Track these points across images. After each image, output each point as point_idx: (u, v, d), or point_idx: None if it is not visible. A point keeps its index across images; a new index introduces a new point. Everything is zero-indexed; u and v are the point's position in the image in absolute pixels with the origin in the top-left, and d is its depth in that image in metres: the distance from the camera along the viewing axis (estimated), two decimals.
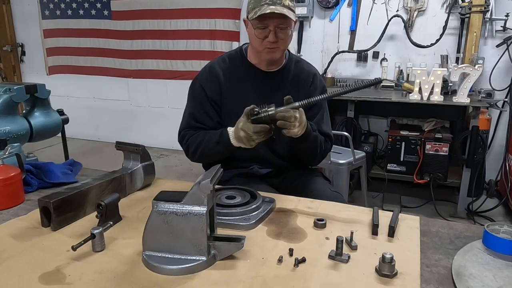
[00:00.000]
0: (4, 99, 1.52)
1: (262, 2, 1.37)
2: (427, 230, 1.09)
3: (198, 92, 1.56)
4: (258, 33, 1.41)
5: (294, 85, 1.57)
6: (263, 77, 1.56)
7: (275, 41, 1.41)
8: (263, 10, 1.34)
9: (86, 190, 1.17)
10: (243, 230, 1.08)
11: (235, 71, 1.57)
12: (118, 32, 4.64)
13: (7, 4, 5.20)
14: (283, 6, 1.36)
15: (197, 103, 1.56)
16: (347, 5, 3.66)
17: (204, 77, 1.57)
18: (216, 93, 1.54)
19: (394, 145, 3.21)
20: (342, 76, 3.78)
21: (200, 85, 1.56)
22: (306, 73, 1.61)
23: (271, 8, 1.34)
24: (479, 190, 3.22)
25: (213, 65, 1.59)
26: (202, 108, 1.54)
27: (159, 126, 4.78)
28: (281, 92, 1.53)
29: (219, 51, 4.10)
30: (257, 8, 1.37)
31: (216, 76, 1.55)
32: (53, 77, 5.06)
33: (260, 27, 1.40)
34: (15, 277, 0.87)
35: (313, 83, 1.60)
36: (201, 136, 1.49)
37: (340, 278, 0.87)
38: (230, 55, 1.62)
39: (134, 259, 0.94)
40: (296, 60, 1.64)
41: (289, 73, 1.58)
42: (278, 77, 1.57)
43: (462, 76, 2.88)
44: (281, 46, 1.45)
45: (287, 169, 1.64)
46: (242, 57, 1.59)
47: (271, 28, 1.39)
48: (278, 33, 1.41)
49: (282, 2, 1.36)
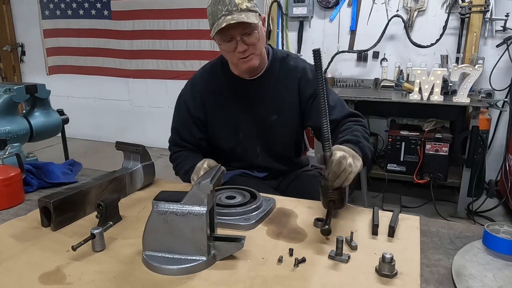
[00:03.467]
0: (4, 99, 1.52)
1: (218, 15, 1.29)
2: (427, 230, 1.09)
3: (183, 109, 1.55)
4: (226, 47, 1.35)
5: (280, 86, 1.50)
6: (247, 86, 1.50)
7: (245, 49, 1.33)
8: (219, 25, 1.27)
9: (86, 190, 1.17)
10: (243, 230, 1.08)
11: (217, 84, 1.52)
12: (118, 32, 4.64)
13: (7, 4, 5.20)
14: (240, 11, 1.27)
15: (181, 121, 1.56)
16: (347, 5, 3.66)
17: (187, 94, 1.56)
18: (199, 111, 1.53)
19: (394, 145, 3.20)
20: (342, 76, 3.78)
21: (184, 101, 1.55)
22: (293, 70, 1.50)
23: (226, 20, 1.25)
24: (479, 190, 3.22)
25: (195, 81, 1.56)
26: (185, 127, 1.55)
27: (159, 126, 4.77)
28: (268, 98, 1.50)
29: (219, 51, 4.09)
30: (215, 23, 1.29)
31: (198, 91, 1.53)
32: (53, 77, 5.06)
33: (225, 40, 1.33)
34: (15, 277, 0.87)
35: (302, 78, 1.49)
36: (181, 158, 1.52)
37: (340, 278, 0.87)
38: (211, 66, 1.57)
39: (134, 259, 0.94)
40: (282, 57, 1.53)
41: (272, 75, 1.50)
42: (262, 83, 1.50)
43: (462, 76, 2.87)
44: (255, 52, 1.36)
45: (285, 172, 1.64)
46: (223, 67, 1.52)
47: (237, 38, 1.31)
48: (246, 40, 1.32)
49: (239, 7, 1.27)
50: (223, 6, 1.28)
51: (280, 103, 1.51)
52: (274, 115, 1.51)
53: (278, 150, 1.58)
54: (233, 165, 1.59)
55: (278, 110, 1.51)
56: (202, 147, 1.57)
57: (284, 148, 1.59)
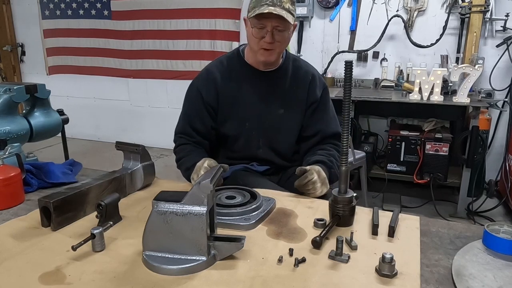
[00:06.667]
0: (4, 99, 1.52)
1: (262, 2, 1.37)
2: (427, 230, 1.09)
3: (195, 95, 1.57)
4: (255, 33, 1.42)
5: (292, 84, 1.58)
6: (261, 77, 1.56)
7: (272, 42, 1.41)
8: (261, 10, 1.35)
9: (86, 190, 1.17)
10: (243, 230, 1.08)
11: (233, 72, 1.57)
12: (118, 32, 4.64)
13: (7, 4, 5.20)
14: (283, 8, 1.36)
15: (193, 107, 1.57)
16: (347, 5, 3.66)
17: (201, 80, 1.58)
18: (212, 97, 1.55)
19: (394, 145, 3.21)
20: (342, 76, 3.76)
21: (197, 88, 1.57)
22: (304, 72, 1.60)
23: (270, 9, 1.34)
24: (479, 190, 3.22)
25: (211, 68, 1.59)
26: (197, 113, 1.56)
27: (159, 126, 4.78)
28: (279, 92, 1.57)
29: (219, 51, 4.10)
30: (257, 8, 1.37)
31: (213, 79, 1.55)
32: (53, 77, 5.06)
33: (258, 26, 1.40)
34: (15, 277, 0.87)
35: (312, 82, 1.59)
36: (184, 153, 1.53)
37: (340, 278, 0.87)
38: (228, 57, 1.62)
39: (134, 259, 0.94)
40: (294, 59, 1.63)
41: (286, 72, 1.58)
42: (275, 76, 1.57)
43: (462, 76, 2.87)
44: (277, 49, 1.45)
45: (285, 167, 1.65)
46: (239, 58, 1.59)
47: (268, 28, 1.39)
48: (275, 35, 1.41)
49: (283, 5, 1.37)
50: None
51: (288, 99, 1.57)
52: (281, 109, 1.57)
53: (279, 145, 1.61)
54: (234, 155, 1.60)
55: (286, 105, 1.57)
56: (211, 136, 1.59)
57: (284, 143, 1.62)
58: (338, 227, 1.09)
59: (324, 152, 1.52)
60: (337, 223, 1.08)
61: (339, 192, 1.10)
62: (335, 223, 1.07)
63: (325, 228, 1.03)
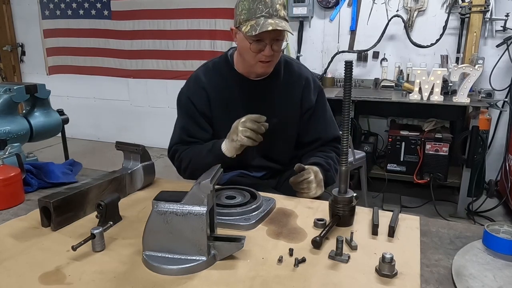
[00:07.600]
0: (4, 99, 1.52)
1: (257, 13, 1.29)
2: (427, 230, 1.09)
3: (187, 105, 1.50)
4: (253, 47, 1.34)
5: (285, 91, 1.51)
6: (252, 86, 1.49)
7: (271, 54, 1.34)
8: (263, 26, 1.26)
9: (86, 190, 1.17)
10: (243, 230, 1.08)
11: (222, 80, 1.50)
12: (118, 32, 4.64)
13: (7, 4, 5.20)
14: (280, 18, 1.29)
15: (188, 116, 1.51)
16: (347, 5, 3.66)
17: (191, 89, 1.52)
18: (205, 105, 1.49)
19: (394, 145, 3.21)
20: (342, 76, 3.76)
21: (188, 97, 1.50)
22: (297, 76, 1.53)
23: (271, 24, 1.27)
24: (479, 190, 3.22)
25: (198, 76, 1.52)
26: (194, 121, 1.50)
27: (159, 126, 4.77)
28: (271, 100, 1.51)
29: (219, 51, 4.10)
30: (253, 21, 1.29)
31: (203, 87, 1.49)
32: (53, 77, 5.06)
33: (255, 39, 1.32)
34: (15, 277, 0.87)
35: (306, 87, 1.53)
36: (193, 149, 1.47)
37: (340, 278, 0.87)
38: (214, 64, 1.54)
39: (134, 259, 0.94)
40: (286, 62, 1.54)
41: (278, 78, 1.51)
42: (267, 85, 1.50)
43: (462, 76, 2.88)
44: (275, 60, 1.40)
45: (282, 170, 1.63)
46: (228, 65, 1.51)
47: (267, 41, 1.32)
48: (274, 45, 1.34)
49: (278, 14, 1.29)
50: (264, 7, 1.29)
51: (282, 107, 1.51)
52: (275, 119, 1.48)
53: (275, 154, 1.57)
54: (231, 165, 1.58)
55: (279, 113, 1.50)
56: None
57: (281, 152, 1.58)
58: (338, 227, 1.09)
59: (323, 154, 1.49)
60: (337, 223, 1.08)
61: (339, 192, 1.10)
62: (335, 223, 1.07)
63: (325, 228, 1.03)
